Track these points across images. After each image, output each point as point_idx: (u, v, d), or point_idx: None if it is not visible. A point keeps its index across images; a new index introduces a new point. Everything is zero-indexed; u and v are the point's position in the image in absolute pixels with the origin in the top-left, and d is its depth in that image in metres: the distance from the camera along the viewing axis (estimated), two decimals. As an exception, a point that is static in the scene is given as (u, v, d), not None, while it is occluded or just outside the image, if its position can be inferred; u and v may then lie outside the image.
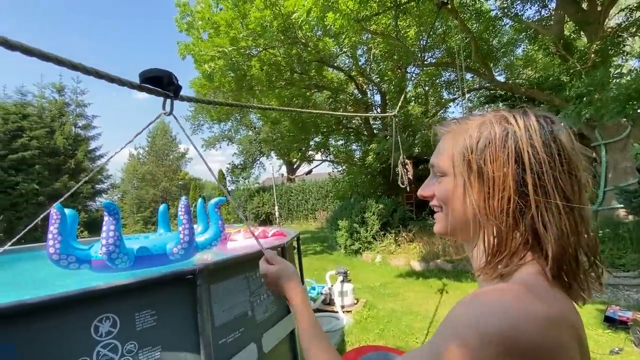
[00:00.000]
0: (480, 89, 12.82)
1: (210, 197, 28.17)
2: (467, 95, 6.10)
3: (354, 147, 11.35)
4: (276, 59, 8.55)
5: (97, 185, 21.65)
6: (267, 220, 23.04)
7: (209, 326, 1.59)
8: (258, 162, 31.90)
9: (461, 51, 4.62)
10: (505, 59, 9.69)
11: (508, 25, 8.79)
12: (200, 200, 4.16)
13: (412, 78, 10.29)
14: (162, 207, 4.25)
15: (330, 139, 10.68)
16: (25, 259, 4.71)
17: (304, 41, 7.87)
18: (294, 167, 30.05)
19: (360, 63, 9.65)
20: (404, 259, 7.04)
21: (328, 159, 11.14)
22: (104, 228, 3.17)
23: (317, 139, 10.86)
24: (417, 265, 6.70)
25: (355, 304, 4.53)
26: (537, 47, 9.75)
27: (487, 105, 14.33)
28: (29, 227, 3.03)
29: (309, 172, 11.77)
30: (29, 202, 16.94)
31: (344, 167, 11.76)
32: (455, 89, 11.07)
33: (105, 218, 3.17)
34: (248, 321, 2.01)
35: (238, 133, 28.13)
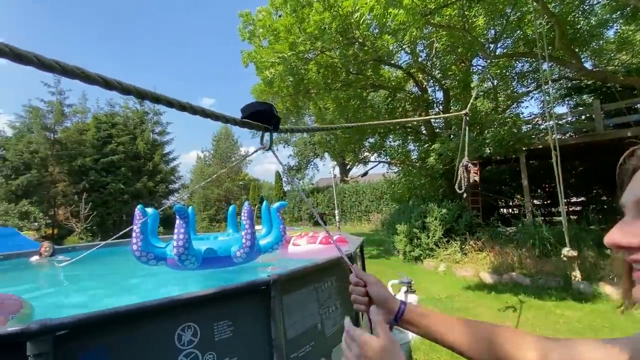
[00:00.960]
0: (560, 79, 11.31)
1: (268, 197, 29.45)
2: (546, 87, 5.35)
3: (411, 147, 10.85)
4: (333, 61, 8.52)
5: (170, 185, 23.92)
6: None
7: (282, 339, 1.55)
8: (312, 163, 32.52)
9: (543, 38, 4.04)
10: (593, 43, 8.39)
11: (598, 4, 7.59)
12: (265, 203, 4.28)
13: (480, 72, 9.48)
14: (230, 208, 4.46)
15: (386, 140, 10.32)
16: (116, 253, 5.33)
17: (361, 40, 7.72)
18: (347, 168, 29.98)
19: (420, 59, 9.16)
20: (471, 270, 6.46)
21: (384, 160, 10.78)
22: (175, 230, 3.40)
23: (372, 140, 10.60)
24: (487, 277, 6.09)
25: (420, 316, 4.22)
26: (636, 27, 8.27)
27: (568, 98, 12.62)
28: (128, 229, 3.42)
29: (365, 173, 11.57)
30: (116, 200, 19.34)
31: (400, 168, 11.31)
32: (530, 81, 9.91)
33: (177, 221, 3.40)
34: (318, 335, 1.95)
35: (293, 136, 28.93)
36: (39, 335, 0.97)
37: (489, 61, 8.20)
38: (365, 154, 10.84)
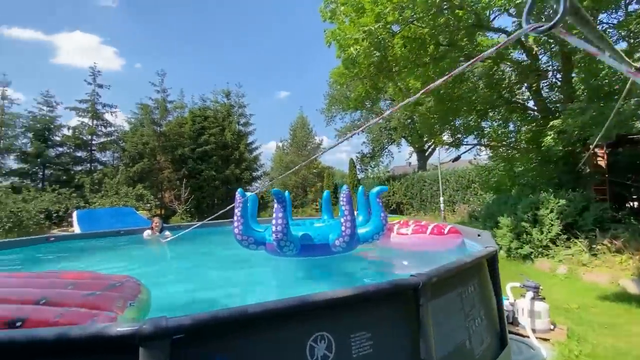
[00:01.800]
0: None
1: (341, 185, 29.35)
2: None
3: (511, 127, 9.28)
4: (421, 32, 7.64)
5: (253, 173, 25.65)
6: (397, 210, 22.32)
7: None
8: (386, 150, 31.30)
9: None
10: None
11: None
12: (361, 188, 3.92)
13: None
14: (325, 193, 4.24)
15: (484, 120, 8.97)
16: (214, 233, 5.66)
17: (457, 2, 6.69)
18: (426, 154, 28.00)
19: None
20: (606, 275, 5.16)
21: (477, 143, 9.43)
22: (274, 215, 3.24)
23: (464, 121, 9.35)
24: (631, 286, 4.77)
25: (552, 330, 3.44)
26: None
27: None
28: (223, 210, 3.51)
29: (457, 158, 10.33)
30: (209, 185, 21.46)
31: (496, 152, 9.80)
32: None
33: (275, 205, 3.24)
34: (467, 354, 1.51)
35: (368, 121, 28.15)
36: (154, 339, 0.77)
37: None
38: (457, 136, 9.63)
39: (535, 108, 8.15)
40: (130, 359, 0.77)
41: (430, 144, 27.26)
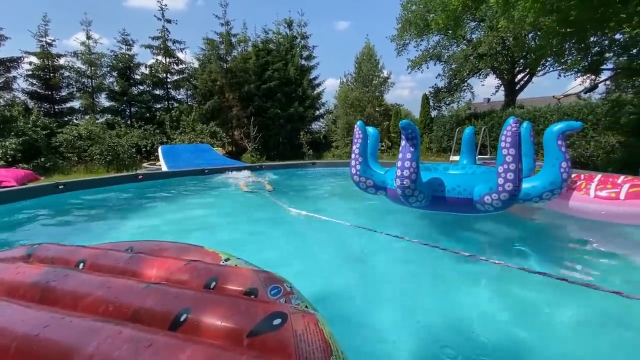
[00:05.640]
0: None
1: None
2: None
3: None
4: None
5: (316, 112, 24.76)
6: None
7: None
8: (466, 84, 27.28)
9: None
10: None
11: None
12: (525, 123, 2.84)
13: None
14: (467, 130, 3.25)
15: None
16: (296, 175, 5.16)
17: None
18: (517, 88, 23.67)
19: None
20: None
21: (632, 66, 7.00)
22: (400, 156, 2.36)
23: (612, 35, 6.86)
24: None
25: None
26: None
27: None
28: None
29: (593, 87, 7.81)
30: (275, 124, 21.36)
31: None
32: None
33: (402, 142, 2.37)
34: None
35: (448, 50, 24.27)
36: None
37: None
38: (590, 57, 7.28)
39: None
40: None
41: (524, 75, 22.84)
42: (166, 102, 20.98)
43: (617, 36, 6.91)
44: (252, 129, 18.06)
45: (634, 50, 6.47)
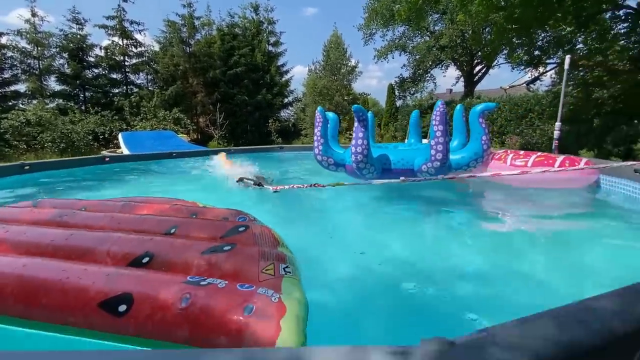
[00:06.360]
0: None
1: (377, 113, 27.85)
2: None
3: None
4: None
5: (284, 99, 24.63)
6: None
7: None
8: (429, 74, 28.37)
9: None
10: None
11: None
12: (459, 106, 3.27)
13: None
14: (414, 113, 3.65)
15: (581, 32, 7.23)
16: (264, 158, 5.35)
17: None
18: (475, 80, 25.10)
19: None
20: None
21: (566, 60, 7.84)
22: (354, 135, 2.76)
23: (554, 32, 7.63)
24: None
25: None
26: None
27: None
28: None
29: (535, 80, 8.66)
30: (242, 111, 21.03)
31: (579, 73, 8.21)
32: None
33: (355, 124, 2.72)
34: None
35: (411, 40, 25.00)
36: None
37: None
38: (536, 53, 8.07)
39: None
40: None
41: (481, 67, 24.23)
42: (125, 87, 19.86)
43: (561, 33, 7.69)
44: (218, 115, 17.71)
45: (568, 47, 7.29)
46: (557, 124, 10.78)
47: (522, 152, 2.97)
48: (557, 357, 0.35)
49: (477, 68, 24.75)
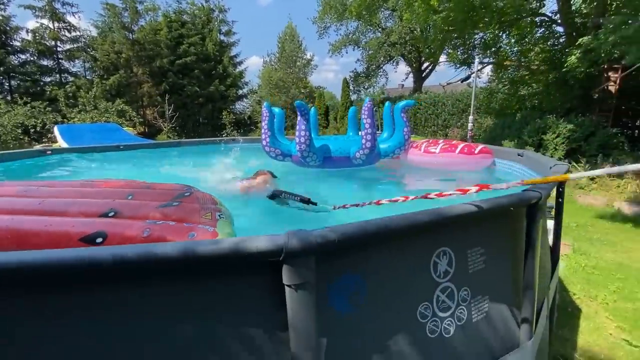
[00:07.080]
0: None
1: (333, 107, 28.40)
2: None
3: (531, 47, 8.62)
4: None
5: (239, 91, 24.13)
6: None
7: (534, 279, 1.11)
8: (382, 70, 29.55)
9: None
10: None
11: None
12: (387, 103, 3.68)
13: None
14: (351, 110, 4.00)
15: (504, 33, 8.21)
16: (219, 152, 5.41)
17: None
18: (423, 75, 26.74)
19: None
20: (602, 198, 5.43)
21: (491, 62, 8.84)
22: (297, 127, 3.07)
23: (483, 35, 8.54)
24: (626, 208, 5.08)
25: (557, 245, 3.65)
26: None
27: None
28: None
29: (467, 78, 9.69)
30: (193, 102, 20.25)
31: (507, 72, 9.30)
32: None
33: (298, 118, 3.02)
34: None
35: (365, 37, 25.80)
36: (299, 256, 0.61)
37: None
38: (469, 52, 8.96)
39: (561, 24, 7.47)
40: (270, 279, 0.62)
41: (428, 64, 25.83)
42: (58, 75, 18.03)
43: (490, 36, 8.62)
44: (167, 107, 16.89)
45: (494, 49, 8.26)
46: (470, 117, 12.26)
47: (432, 140, 3.54)
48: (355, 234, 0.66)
49: (425, 65, 26.27)
